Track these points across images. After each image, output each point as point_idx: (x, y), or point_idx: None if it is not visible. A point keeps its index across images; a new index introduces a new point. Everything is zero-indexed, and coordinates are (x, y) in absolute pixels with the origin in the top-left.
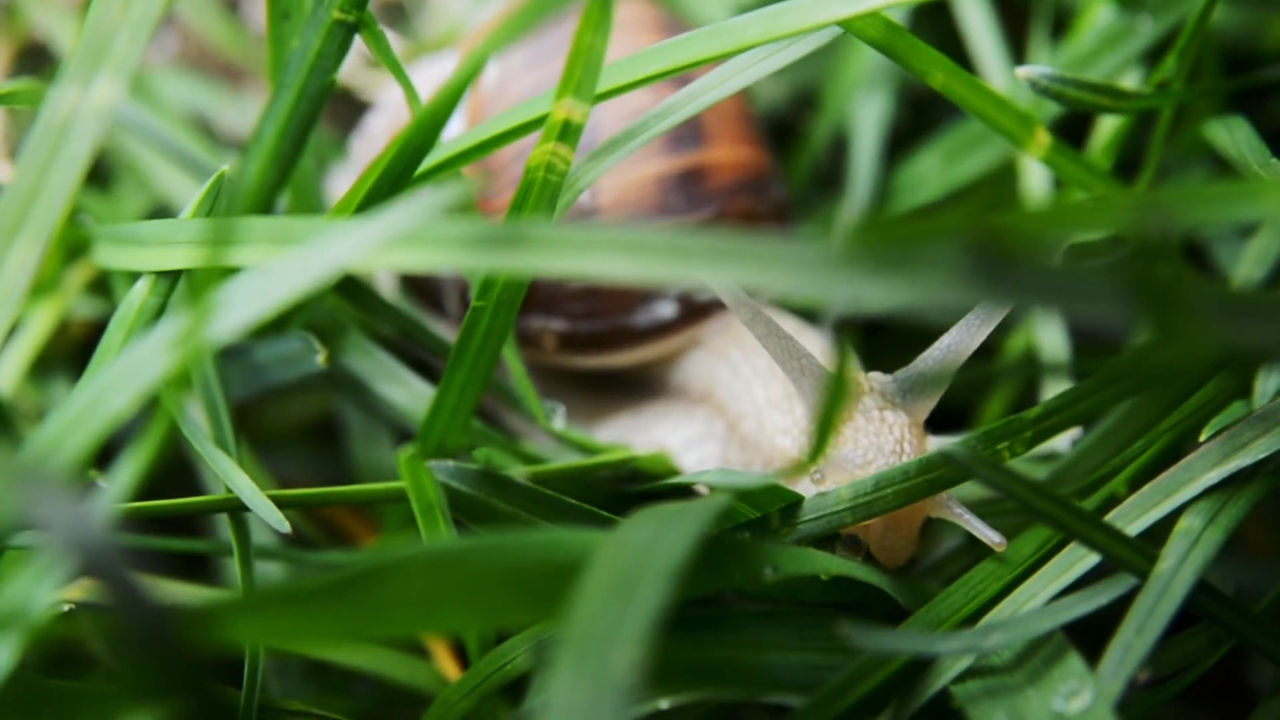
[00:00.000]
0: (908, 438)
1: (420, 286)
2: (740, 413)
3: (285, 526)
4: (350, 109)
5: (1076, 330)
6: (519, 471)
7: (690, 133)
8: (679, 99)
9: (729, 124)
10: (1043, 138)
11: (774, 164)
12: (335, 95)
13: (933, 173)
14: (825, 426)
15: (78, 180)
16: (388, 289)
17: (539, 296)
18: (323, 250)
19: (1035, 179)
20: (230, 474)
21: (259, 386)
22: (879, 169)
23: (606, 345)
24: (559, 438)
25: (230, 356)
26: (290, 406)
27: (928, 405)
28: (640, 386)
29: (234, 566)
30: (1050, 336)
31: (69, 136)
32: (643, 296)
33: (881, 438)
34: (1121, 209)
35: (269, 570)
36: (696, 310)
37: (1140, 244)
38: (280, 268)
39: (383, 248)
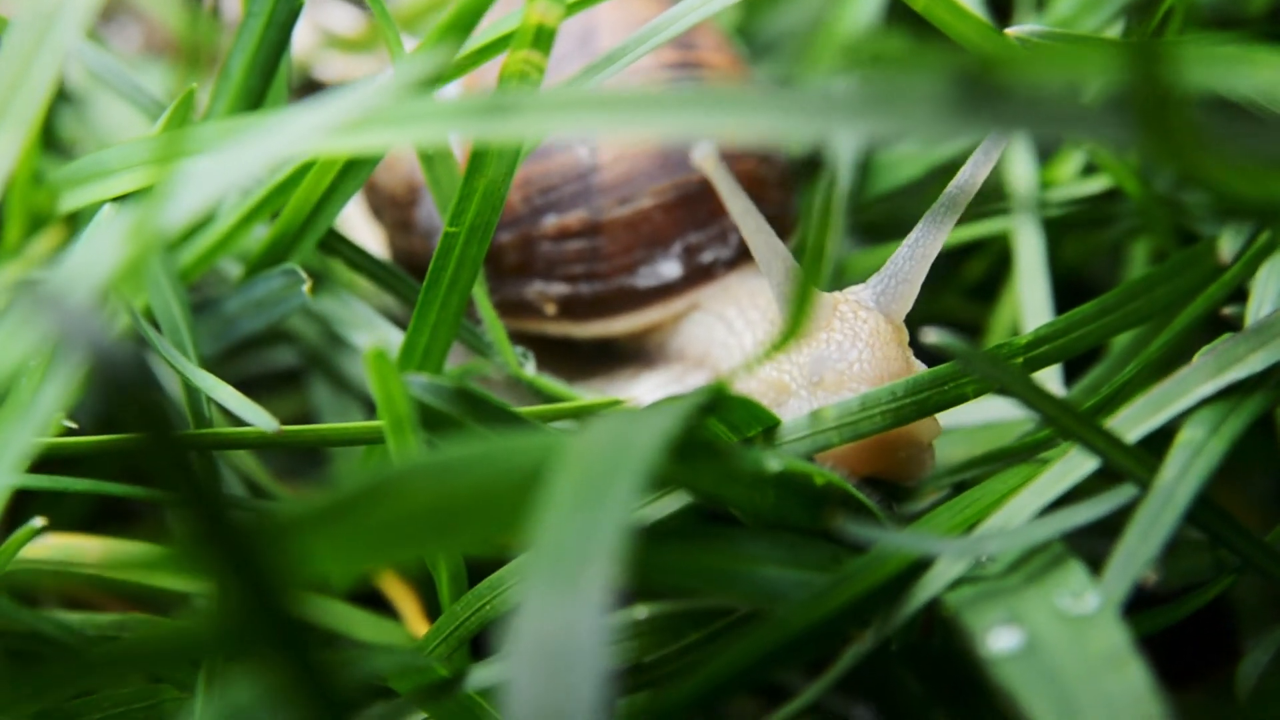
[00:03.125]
0: (883, 328)
1: (418, 265)
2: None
3: (274, 424)
4: None
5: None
6: None
7: None
8: (675, 13)
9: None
10: None
11: None
12: (299, 84)
13: (913, 152)
14: (804, 293)
15: (61, 70)
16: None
17: (539, 262)
18: (284, 128)
19: (1020, 153)
20: (198, 376)
21: (234, 336)
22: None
23: (609, 309)
24: (530, 384)
25: (202, 310)
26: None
27: (903, 307)
28: (638, 358)
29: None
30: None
31: (55, 24)
32: (646, 256)
33: (856, 327)
34: (1115, 55)
35: None
36: (699, 271)
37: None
38: (240, 147)
39: (353, 126)
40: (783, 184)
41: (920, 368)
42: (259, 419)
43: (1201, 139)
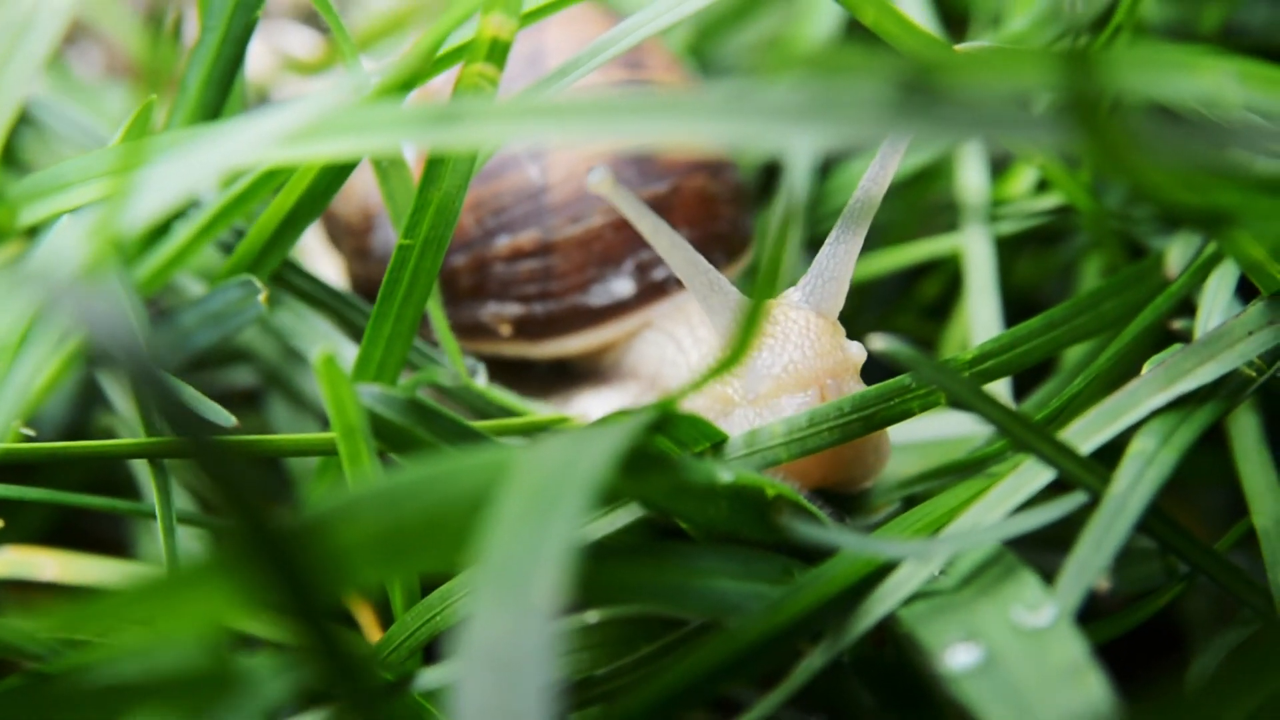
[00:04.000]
0: (814, 322)
1: (375, 291)
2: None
3: (231, 420)
4: None
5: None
6: None
7: None
8: (623, 29)
9: None
10: None
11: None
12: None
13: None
14: (761, 298)
15: (35, 75)
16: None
17: (493, 283)
18: (239, 134)
19: (972, 169)
20: None
21: (192, 349)
22: (812, 175)
23: (563, 328)
24: (480, 395)
25: (159, 324)
26: None
27: (834, 305)
28: (594, 378)
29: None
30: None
31: (30, 32)
32: (598, 274)
33: (786, 328)
34: (1052, 60)
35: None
36: (651, 288)
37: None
38: (196, 151)
39: (308, 133)
40: (735, 201)
41: (858, 356)
42: (214, 414)
43: (1138, 142)
